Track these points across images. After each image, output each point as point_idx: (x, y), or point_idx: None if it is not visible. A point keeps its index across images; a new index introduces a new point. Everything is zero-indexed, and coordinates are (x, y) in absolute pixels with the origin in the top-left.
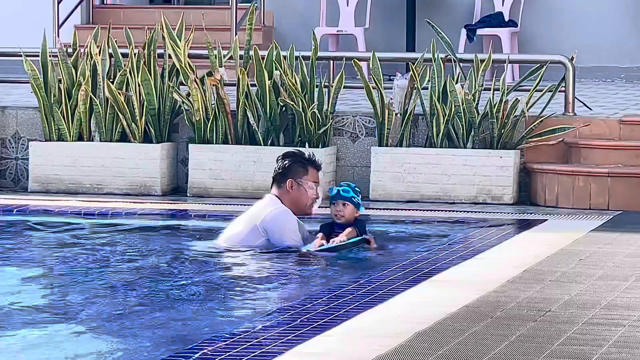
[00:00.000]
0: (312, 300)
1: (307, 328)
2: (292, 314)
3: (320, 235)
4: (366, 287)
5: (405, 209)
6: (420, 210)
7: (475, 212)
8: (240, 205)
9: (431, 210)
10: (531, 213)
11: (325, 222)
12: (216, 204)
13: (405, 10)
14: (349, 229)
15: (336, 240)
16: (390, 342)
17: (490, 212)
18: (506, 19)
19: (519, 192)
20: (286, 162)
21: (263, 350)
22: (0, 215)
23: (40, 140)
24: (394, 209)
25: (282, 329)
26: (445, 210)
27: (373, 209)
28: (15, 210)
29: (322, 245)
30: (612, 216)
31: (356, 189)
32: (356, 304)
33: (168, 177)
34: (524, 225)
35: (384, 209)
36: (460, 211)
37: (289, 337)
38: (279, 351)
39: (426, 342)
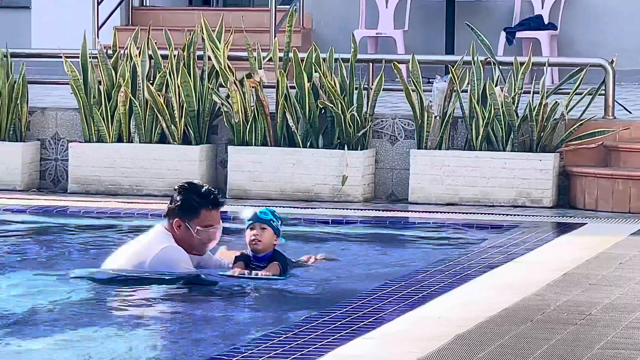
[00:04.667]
0: (352, 302)
1: (348, 330)
2: (333, 316)
3: (239, 263)
4: (406, 290)
5: (444, 212)
6: (459, 213)
7: (515, 215)
8: (279, 207)
9: (470, 213)
10: (570, 216)
11: (241, 254)
12: (255, 206)
13: (445, 12)
14: (273, 266)
15: (260, 274)
16: (430, 344)
17: (529, 216)
18: (545, 21)
19: (558, 195)
20: (178, 197)
21: (304, 352)
22: (41, 216)
23: (79, 142)
24: (433, 212)
25: (322, 331)
26: (484, 213)
27: (412, 211)
28: (55, 211)
29: (243, 274)
30: None
31: (277, 215)
32: (396, 306)
33: (207, 179)
34: (563, 228)
35: (422, 212)
36: (500, 214)
37: (329, 339)
38: (320, 353)
39: (466, 345)
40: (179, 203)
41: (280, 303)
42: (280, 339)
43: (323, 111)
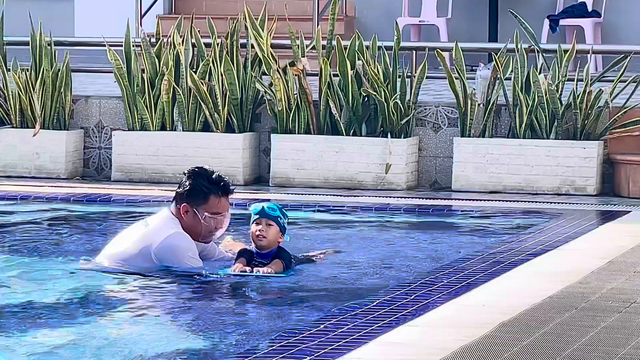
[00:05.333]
0: (395, 290)
1: (391, 318)
2: (376, 304)
3: (241, 259)
4: (449, 278)
5: (488, 200)
6: (502, 201)
7: (558, 203)
8: (322, 195)
9: (514, 201)
10: (615, 204)
11: (244, 249)
12: (298, 194)
13: (488, 0)
14: (276, 263)
15: (261, 271)
16: (474, 332)
17: (573, 204)
18: (589, 9)
19: (603, 183)
20: (188, 181)
21: (347, 339)
22: (84, 204)
23: (123, 130)
24: (477, 200)
25: (366, 319)
26: (528, 201)
27: (455, 199)
28: (98, 199)
29: (245, 271)
30: None
31: (284, 212)
32: (440, 294)
33: (250, 167)
34: (608, 216)
35: (466, 200)
36: (543, 202)
37: (372, 327)
38: (363, 341)
39: (510, 333)
40: (188, 188)
41: (321, 291)
42: (320, 328)
43: (366, 99)
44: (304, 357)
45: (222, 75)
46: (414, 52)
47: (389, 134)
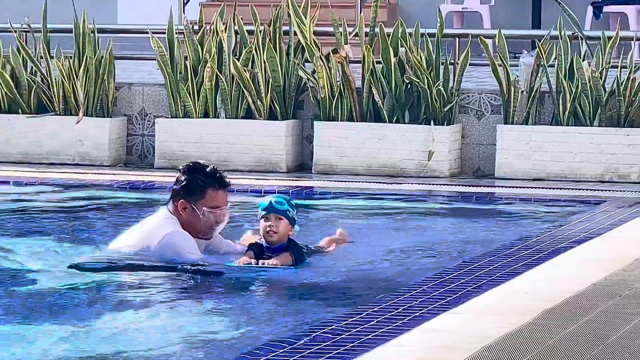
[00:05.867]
0: (439, 278)
1: (435, 305)
2: (420, 291)
3: (248, 252)
4: (493, 265)
5: (531, 187)
6: (546, 188)
7: (602, 190)
8: (365, 182)
9: (557, 189)
10: None
11: (254, 242)
12: (341, 181)
13: None
14: (284, 255)
15: (267, 263)
16: (518, 319)
17: (617, 191)
18: None
19: None
20: (183, 177)
21: (391, 327)
22: (128, 191)
23: (166, 117)
24: (520, 187)
25: (409, 305)
26: (572, 189)
27: (498, 187)
28: (142, 186)
29: (250, 264)
30: None
31: (292, 202)
32: (483, 281)
33: (293, 154)
34: None
35: (509, 187)
36: (587, 189)
37: (416, 314)
38: (407, 328)
39: (554, 320)
40: (184, 183)
41: (362, 280)
42: (362, 316)
43: (409, 86)
44: (346, 344)
45: (264, 62)
46: (457, 39)
47: (431, 121)
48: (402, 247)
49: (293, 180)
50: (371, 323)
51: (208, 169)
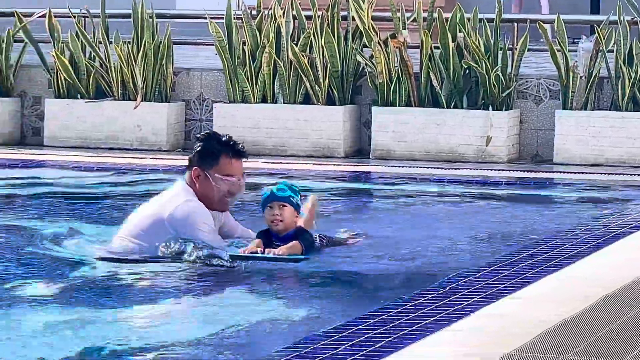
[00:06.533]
0: (497, 263)
1: (494, 290)
2: (478, 276)
3: (256, 241)
4: (551, 251)
5: (590, 173)
6: (604, 174)
7: None
8: (423, 167)
9: (616, 174)
10: None
11: (262, 230)
12: (399, 167)
13: None
14: (292, 244)
15: (274, 252)
16: (577, 305)
17: None
18: None
19: None
20: (198, 145)
21: (449, 311)
22: None
23: (224, 102)
24: (578, 173)
25: (467, 291)
26: (630, 174)
27: (557, 172)
28: None
29: (256, 252)
30: None
31: (294, 187)
32: (541, 267)
33: (351, 139)
34: None
35: (568, 173)
36: None
37: (475, 299)
38: (466, 312)
39: (613, 306)
40: (198, 150)
41: (417, 265)
42: (420, 301)
43: (467, 71)
44: (404, 329)
45: (322, 47)
46: (515, 24)
47: (490, 107)
48: (459, 232)
49: (351, 165)
50: (430, 307)
51: (224, 138)
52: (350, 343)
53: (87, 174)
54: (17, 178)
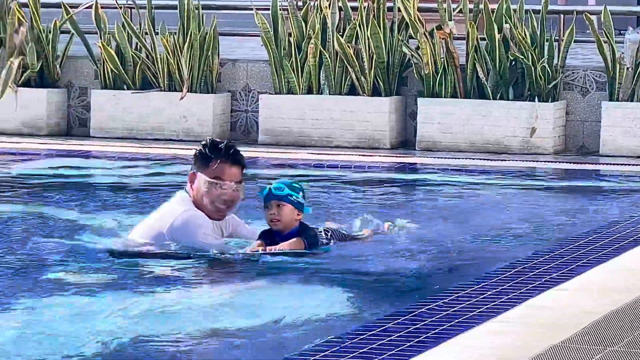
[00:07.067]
0: (543, 254)
1: (540, 281)
2: (521, 269)
3: (258, 242)
4: (598, 242)
5: (636, 165)
6: None
7: None
8: (468, 159)
9: None
10: None
11: (265, 229)
12: (445, 158)
13: None
14: (294, 240)
15: (274, 249)
16: (623, 297)
17: None
18: None
19: None
20: (196, 150)
21: (495, 302)
22: None
23: (269, 93)
24: (625, 165)
25: (513, 282)
26: None
27: (603, 164)
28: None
29: (257, 251)
30: None
31: (294, 185)
32: (588, 258)
33: (396, 131)
34: None
35: (614, 165)
36: None
37: (521, 291)
38: (512, 304)
39: None
40: (194, 155)
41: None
42: (466, 291)
43: (513, 63)
44: (452, 321)
45: (368, 38)
46: (562, 15)
47: (536, 98)
48: (505, 224)
49: (396, 156)
50: (477, 299)
51: (220, 145)
52: (398, 334)
53: (133, 165)
54: (64, 168)
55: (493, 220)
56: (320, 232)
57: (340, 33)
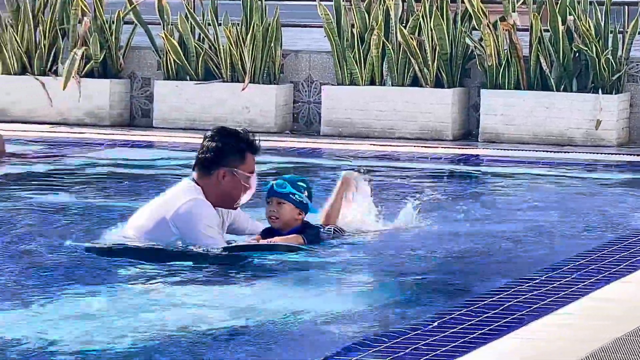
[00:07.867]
0: (608, 246)
1: (605, 274)
2: (585, 261)
3: (257, 237)
4: None
5: None
6: None
7: None
8: (531, 150)
9: None
10: None
11: (267, 228)
12: (508, 150)
13: None
14: (291, 236)
15: (268, 241)
16: None
17: None
18: None
19: None
20: (218, 144)
21: (559, 295)
22: (295, 156)
23: (332, 84)
24: None
25: (578, 274)
26: None
27: None
28: (309, 152)
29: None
30: None
31: (299, 183)
32: None
33: (459, 122)
34: None
35: None
36: None
37: (585, 283)
38: (575, 297)
39: None
40: (222, 147)
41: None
42: (530, 284)
43: (577, 55)
44: (514, 313)
45: (431, 30)
46: (626, 7)
47: (600, 90)
48: (568, 216)
49: (459, 148)
50: (540, 290)
51: (241, 134)
52: (461, 327)
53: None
54: (127, 159)
55: (555, 212)
56: (330, 230)
57: (404, 24)
